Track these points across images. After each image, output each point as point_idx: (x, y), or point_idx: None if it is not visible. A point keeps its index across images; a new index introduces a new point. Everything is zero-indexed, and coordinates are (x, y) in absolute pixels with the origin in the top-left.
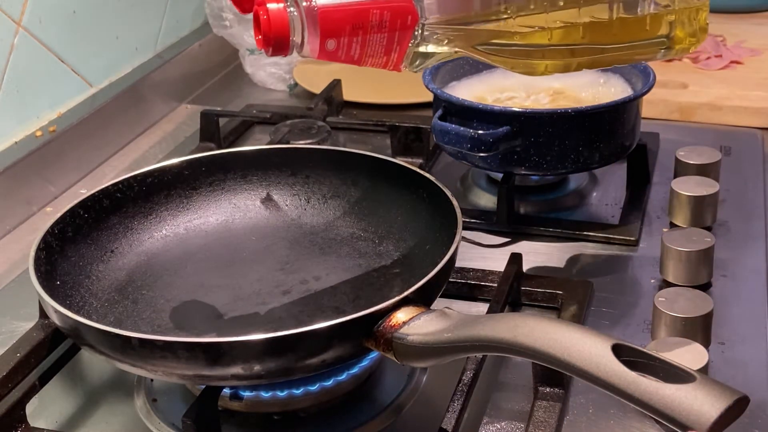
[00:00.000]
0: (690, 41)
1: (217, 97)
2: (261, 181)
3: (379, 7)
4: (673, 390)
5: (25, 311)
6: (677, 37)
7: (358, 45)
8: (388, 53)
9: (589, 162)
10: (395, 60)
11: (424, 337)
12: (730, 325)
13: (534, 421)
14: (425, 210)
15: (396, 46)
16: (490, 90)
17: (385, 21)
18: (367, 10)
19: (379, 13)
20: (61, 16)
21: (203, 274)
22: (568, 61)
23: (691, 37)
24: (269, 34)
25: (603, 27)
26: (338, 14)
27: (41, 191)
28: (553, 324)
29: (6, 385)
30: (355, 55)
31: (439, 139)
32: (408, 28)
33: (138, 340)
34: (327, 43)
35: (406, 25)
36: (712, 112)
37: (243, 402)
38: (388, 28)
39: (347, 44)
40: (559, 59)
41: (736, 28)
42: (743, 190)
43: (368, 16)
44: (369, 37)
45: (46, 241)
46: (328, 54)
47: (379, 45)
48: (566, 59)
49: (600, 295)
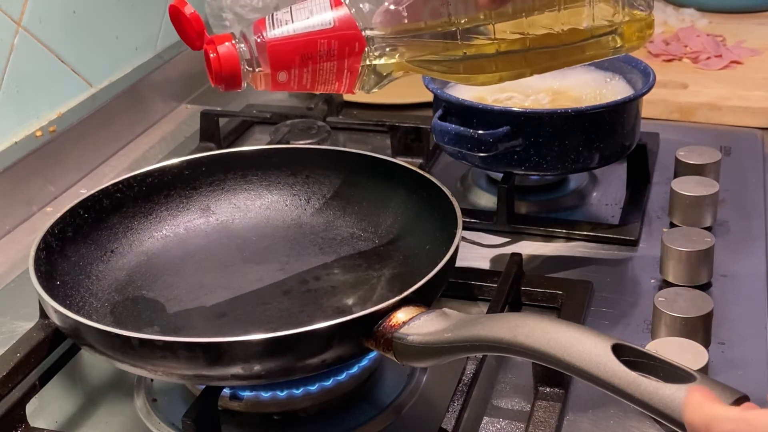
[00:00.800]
0: (638, 36)
1: (217, 97)
2: (261, 181)
3: (326, 37)
4: (673, 390)
5: (25, 311)
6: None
7: (309, 74)
8: (339, 79)
9: (589, 162)
10: (347, 85)
11: (424, 337)
12: (730, 325)
13: (534, 421)
14: (425, 210)
15: (347, 72)
16: (490, 90)
17: (333, 50)
18: (315, 41)
19: (326, 43)
20: (61, 16)
21: (203, 274)
22: (521, 70)
23: (639, 32)
24: (220, 72)
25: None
26: (287, 47)
27: (41, 191)
28: (553, 324)
29: (6, 385)
30: (307, 84)
31: (439, 139)
32: (356, 54)
33: (138, 340)
34: (278, 75)
35: (354, 51)
36: (712, 112)
37: (243, 402)
38: (336, 56)
39: (298, 75)
40: (510, 68)
41: (736, 28)
42: (743, 190)
43: (316, 46)
44: (318, 66)
45: (46, 241)
46: (280, 85)
47: (329, 73)
48: (519, 68)
49: (600, 295)
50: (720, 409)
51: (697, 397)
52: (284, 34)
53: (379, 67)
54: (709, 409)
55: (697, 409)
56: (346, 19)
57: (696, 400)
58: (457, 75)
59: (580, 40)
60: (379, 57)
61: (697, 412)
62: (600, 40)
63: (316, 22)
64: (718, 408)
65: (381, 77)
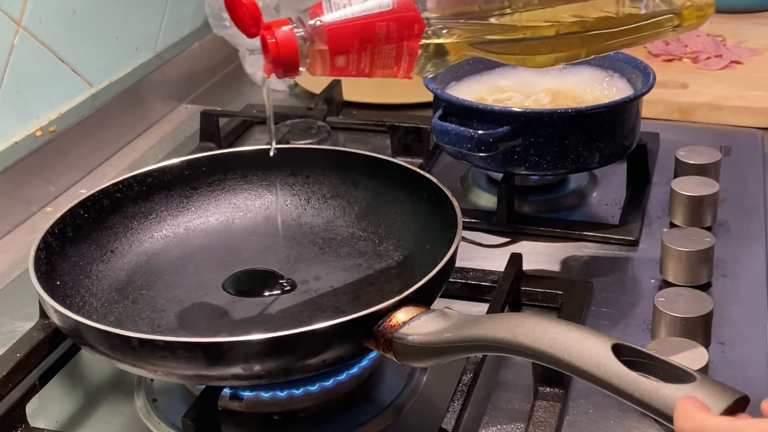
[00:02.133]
0: (698, 15)
1: (217, 97)
2: (261, 181)
3: (384, 20)
4: (673, 390)
5: (25, 311)
6: (685, 14)
7: (368, 58)
8: (397, 63)
9: (589, 162)
10: (405, 68)
11: (424, 337)
12: (730, 325)
13: (534, 421)
14: (425, 210)
15: (405, 55)
16: (490, 90)
17: (392, 32)
18: (373, 24)
19: (385, 26)
20: (61, 16)
21: (203, 274)
22: (576, 51)
23: (699, 12)
24: (278, 58)
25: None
26: (345, 30)
27: (41, 191)
28: (553, 324)
29: (6, 385)
30: (365, 68)
31: (439, 139)
32: (415, 37)
33: (138, 340)
34: (337, 59)
35: (413, 33)
36: (712, 112)
37: (243, 402)
38: (395, 38)
39: (356, 59)
40: (567, 50)
41: (736, 28)
42: (743, 190)
43: (374, 29)
44: (377, 50)
45: (46, 241)
46: (338, 70)
47: (388, 56)
48: (575, 50)
49: (600, 295)
50: (709, 418)
51: (687, 407)
52: (342, 17)
53: (437, 50)
54: (699, 417)
55: (688, 418)
56: (405, 1)
57: (686, 409)
58: (513, 56)
59: (638, 21)
60: (437, 39)
61: (687, 420)
62: (659, 19)
63: (374, 5)
64: (708, 417)
65: (438, 60)
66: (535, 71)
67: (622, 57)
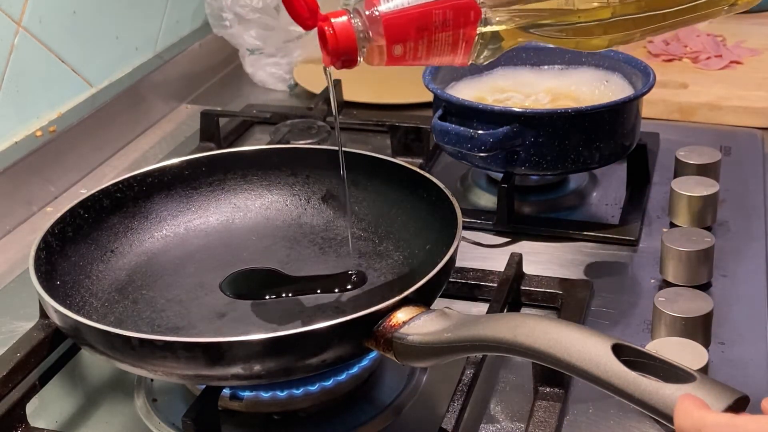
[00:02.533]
0: None
1: (217, 97)
2: (261, 181)
3: (440, 7)
4: (673, 390)
5: (25, 311)
6: None
7: (424, 46)
8: (454, 50)
9: (589, 162)
10: (462, 55)
11: (424, 337)
12: (730, 325)
13: (534, 421)
14: (425, 210)
15: (462, 42)
16: (490, 90)
17: (449, 20)
18: (429, 12)
19: (441, 13)
20: (61, 16)
21: (203, 274)
22: (630, 33)
23: None
24: (337, 48)
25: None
26: (402, 19)
27: (41, 191)
28: (553, 324)
29: (6, 385)
30: (422, 56)
31: (439, 139)
32: (472, 23)
33: (138, 340)
34: (394, 48)
35: (469, 20)
36: (712, 112)
37: (243, 402)
38: (452, 26)
39: (413, 48)
40: (621, 31)
41: (736, 28)
42: (743, 190)
43: (431, 17)
44: (434, 38)
45: (46, 241)
46: (395, 59)
47: (444, 44)
48: (629, 31)
49: (600, 295)
50: (709, 415)
51: (687, 405)
52: (398, 6)
53: (493, 36)
54: (699, 415)
55: (687, 416)
56: None
57: (686, 407)
58: (568, 39)
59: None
60: (493, 25)
61: (687, 418)
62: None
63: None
64: (708, 414)
65: (494, 46)
66: (535, 71)
67: (623, 57)
